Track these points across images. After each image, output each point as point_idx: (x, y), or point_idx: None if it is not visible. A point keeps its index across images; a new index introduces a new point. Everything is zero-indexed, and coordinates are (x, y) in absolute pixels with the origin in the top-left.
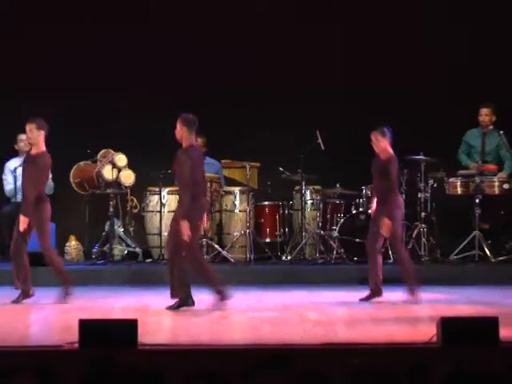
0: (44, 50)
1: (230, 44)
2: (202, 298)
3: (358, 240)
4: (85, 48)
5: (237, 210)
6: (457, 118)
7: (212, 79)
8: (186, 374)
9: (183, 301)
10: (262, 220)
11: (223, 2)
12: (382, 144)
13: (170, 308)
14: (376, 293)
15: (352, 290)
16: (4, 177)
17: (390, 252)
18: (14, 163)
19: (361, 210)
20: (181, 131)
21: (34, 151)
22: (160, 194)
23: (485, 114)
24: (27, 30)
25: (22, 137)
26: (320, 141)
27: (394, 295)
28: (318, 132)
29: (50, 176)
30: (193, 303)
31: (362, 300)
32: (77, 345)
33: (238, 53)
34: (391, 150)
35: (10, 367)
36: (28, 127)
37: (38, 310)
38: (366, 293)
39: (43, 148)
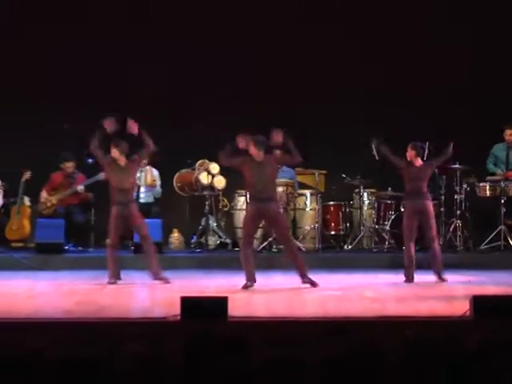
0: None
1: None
2: (280, 279)
3: None
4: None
5: (308, 209)
6: (483, 133)
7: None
8: (266, 341)
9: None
10: (328, 216)
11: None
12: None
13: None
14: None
15: (400, 273)
16: None
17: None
18: None
19: None
20: (253, 150)
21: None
22: (246, 195)
23: (509, 134)
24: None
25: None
26: (374, 152)
27: (434, 277)
28: (372, 145)
29: (159, 183)
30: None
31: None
32: (179, 317)
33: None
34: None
35: (126, 334)
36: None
37: (146, 289)
38: (416, 276)
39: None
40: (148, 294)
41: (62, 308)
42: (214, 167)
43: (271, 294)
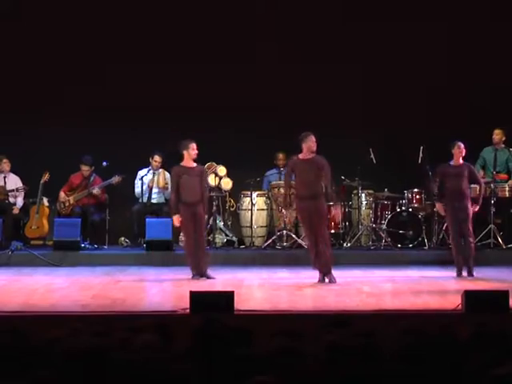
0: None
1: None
2: (283, 275)
3: (401, 231)
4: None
5: None
6: (473, 137)
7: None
8: (270, 333)
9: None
10: (329, 216)
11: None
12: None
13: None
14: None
15: (396, 269)
16: (135, 181)
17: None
18: (143, 172)
19: (403, 208)
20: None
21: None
22: (251, 197)
23: (496, 134)
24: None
25: (157, 158)
26: (372, 156)
27: (428, 273)
28: (370, 150)
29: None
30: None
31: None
32: (188, 311)
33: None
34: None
35: (138, 326)
36: None
37: (157, 284)
38: (407, 271)
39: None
40: (159, 289)
41: (79, 302)
42: (221, 170)
43: (274, 289)
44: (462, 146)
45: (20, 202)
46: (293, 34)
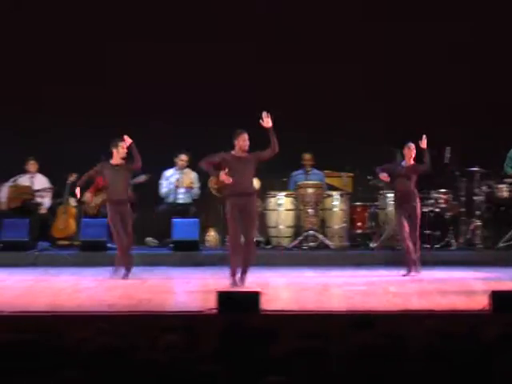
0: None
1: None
2: (310, 275)
3: (427, 232)
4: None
5: (336, 209)
6: (499, 137)
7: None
8: (296, 333)
9: None
10: (355, 216)
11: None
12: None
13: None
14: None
15: (424, 269)
16: (160, 182)
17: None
18: (169, 172)
19: (430, 208)
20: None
21: None
22: (277, 197)
23: None
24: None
25: (183, 157)
26: (399, 156)
27: (454, 273)
28: (397, 150)
29: (197, 185)
30: None
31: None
32: (214, 311)
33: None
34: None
35: (164, 326)
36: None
37: (184, 284)
38: (433, 272)
39: None
40: (185, 289)
41: (105, 302)
42: None
43: (301, 289)
44: (413, 146)
45: (47, 202)
46: (318, 33)
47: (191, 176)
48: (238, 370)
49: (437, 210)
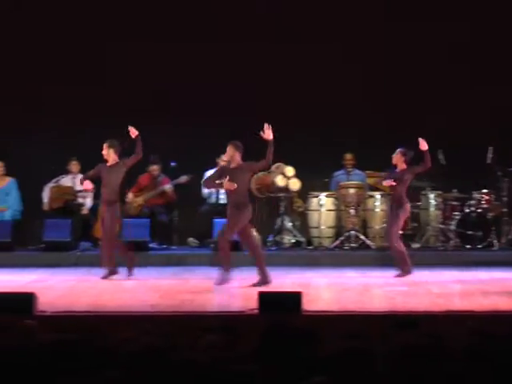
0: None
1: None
2: (351, 276)
3: (469, 232)
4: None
5: (377, 209)
6: None
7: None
8: (337, 334)
9: None
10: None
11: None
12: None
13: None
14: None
15: (465, 270)
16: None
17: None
18: (210, 173)
19: (472, 209)
20: (233, 154)
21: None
22: (319, 197)
23: None
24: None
25: (224, 157)
26: (441, 157)
27: (497, 274)
28: (439, 151)
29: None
30: None
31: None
32: (256, 311)
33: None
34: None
35: (205, 326)
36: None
37: (225, 284)
38: (476, 272)
39: None
40: (227, 289)
41: (147, 302)
42: (289, 170)
43: (342, 290)
44: (399, 150)
45: (89, 202)
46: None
47: None
48: (280, 370)
49: (479, 210)
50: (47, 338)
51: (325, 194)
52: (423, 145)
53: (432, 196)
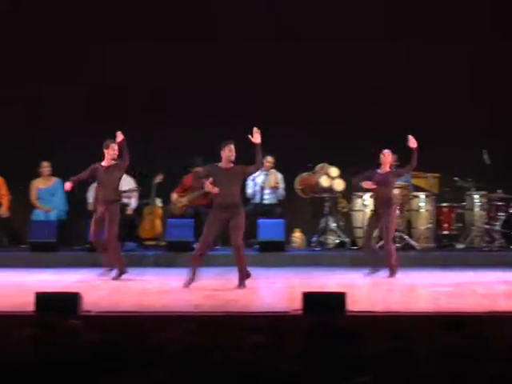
0: None
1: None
2: (396, 275)
3: None
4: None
5: (422, 210)
6: None
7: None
8: (381, 334)
9: None
10: (441, 217)
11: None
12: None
13: None
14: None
15: (510, 271)
16: (246, 182)
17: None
18: (255, 174)
19: None
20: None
21: None
22: (363, 198)
23: None
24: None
25: (269, 158)
26: (486, 157)
27: None
28: (484, 151)
29: (282, 186)
30: None
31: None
32: (300, 311)
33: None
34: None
35: (250, 326)
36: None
37: (270, 285)
38: None
39: None
40: (271, 290)
41: (191, 302)
42: (334, 171)
43: (387, 291)
44: (388, 152)
45: (134, 203)
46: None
47: (277, 177)
48: (324, 371)
49: None
50: (92, 338)
51: (369, 194)
52: (412, 142)
53: (477, 196)
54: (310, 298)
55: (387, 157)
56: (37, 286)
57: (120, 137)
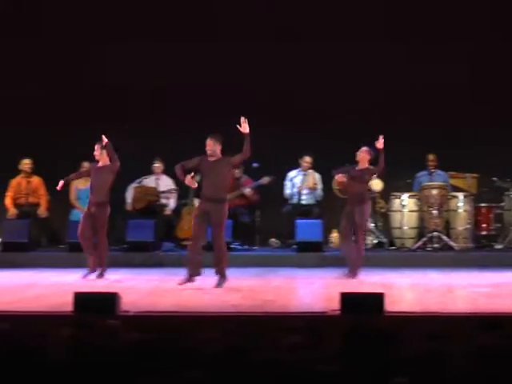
0: None
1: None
2: (434, 277)
3: None
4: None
5: (460, 210)
6: None
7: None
8: (420, 335)
9: None
10: (480, 218)
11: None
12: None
13: None
14: None
15: None
16: (285, 183)
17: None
18: (293, 173)
19: None
20: (215, 147)
21: None
22: (401, 198)
23: None
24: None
25: (307, 159)
26: None
27: None
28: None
29: (320, 186)
30: None
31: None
32: (338, 312)
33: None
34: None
35: (288, 327)
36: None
37: (307, 285)
38: None
39: None
40: (309, 290)
41: (229, 302)
42: None
43: (425, 291)
44: (365, 149)
45: (172, 203)
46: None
47: (315, 177)
48: (362, 371)
49: None
50: (130, 338)
51: (407, 194)
52: (380, 143)
53: None
54: (347, 298)
55: (362, 154)
56: (75, 286)
57: (104, 140)
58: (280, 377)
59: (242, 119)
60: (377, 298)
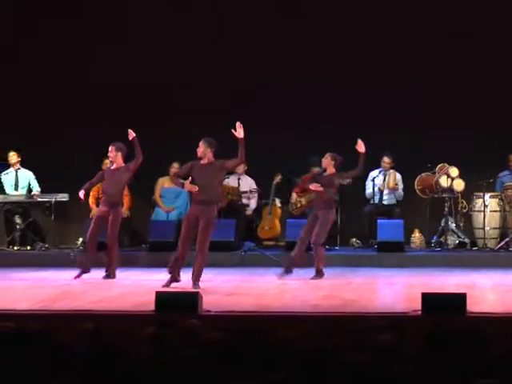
0: None
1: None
2: None
3: None
4: None
5: None
6: None
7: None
8: (503, 336)
9: None
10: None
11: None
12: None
13: None
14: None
15: None
16: (366, 183)
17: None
18: (374, 173)
19: None
20: (205, 151)
21: None
22: (483, 198)
23: None
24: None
25: (386, 159)
26: None
27: None
28: None
29: (401, 186)
30: None
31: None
32: (420, 312)
33: None
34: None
35: (370, 327)
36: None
37: (388, 286)
38: None
39: None
40: (390, 290)
41: (309, 302)
42: (454, 171)
43: (508, 292)
44: (328, 155)
45: (253, 203)
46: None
47: (396, 177)
48: (444, 372)
49: None
50: (211, 338)
51: (489, 194)
52: (360, 146)
53: None
54: (429, 298)
55: (326, 160)
56: (157, 286)
57: (131, 134)
58: (361, 377)
59: (238, 124)
60: (459, 299)
